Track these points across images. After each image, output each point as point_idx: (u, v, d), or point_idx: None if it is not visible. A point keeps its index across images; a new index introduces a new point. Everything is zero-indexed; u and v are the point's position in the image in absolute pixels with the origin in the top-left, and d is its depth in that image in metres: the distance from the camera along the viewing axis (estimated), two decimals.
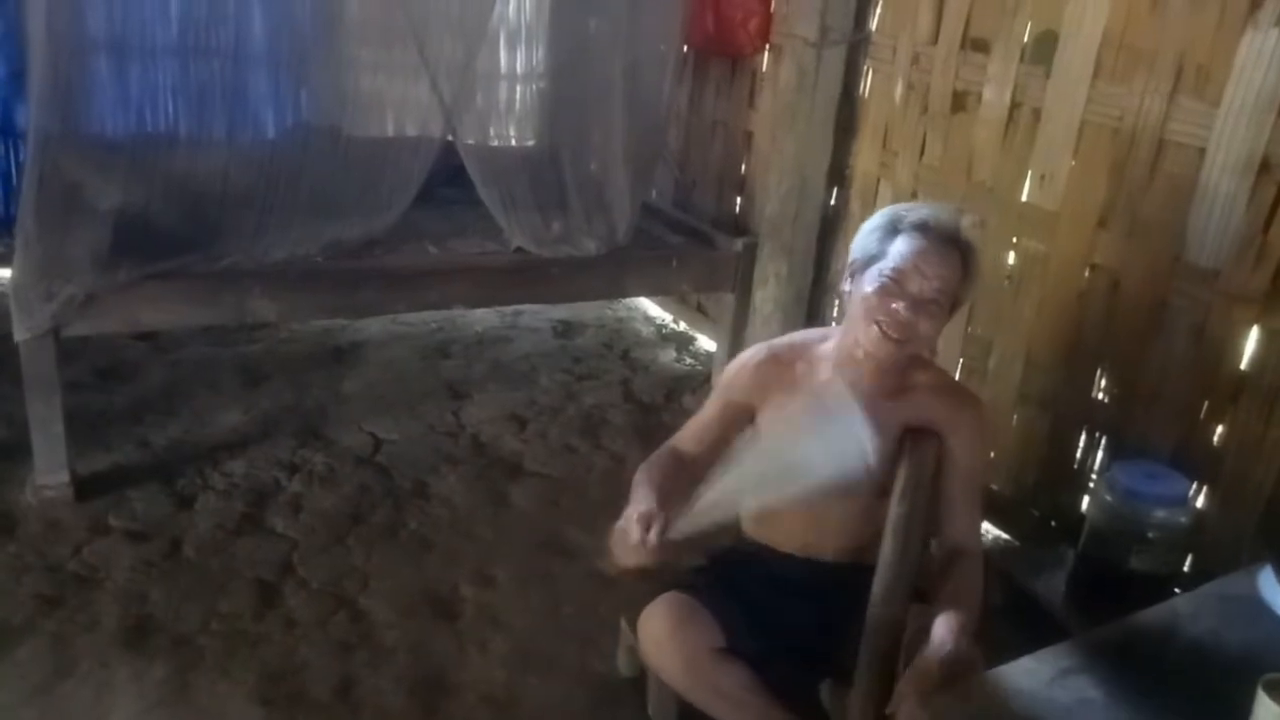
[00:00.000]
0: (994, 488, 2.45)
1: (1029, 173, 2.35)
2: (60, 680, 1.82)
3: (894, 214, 1.60)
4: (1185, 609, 1.45)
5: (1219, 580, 1.55)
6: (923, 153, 2.65)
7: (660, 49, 2.97)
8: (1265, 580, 1.48)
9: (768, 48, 3.16)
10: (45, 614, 1.98)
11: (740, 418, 1.73)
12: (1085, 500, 2.26)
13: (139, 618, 2.00)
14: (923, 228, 1.56)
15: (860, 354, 1.59)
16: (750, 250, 3.07)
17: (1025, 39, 2.33)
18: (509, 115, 3.37)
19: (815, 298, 3.02)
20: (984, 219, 2.45)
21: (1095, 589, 2.03)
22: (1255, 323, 1.93)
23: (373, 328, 3.49)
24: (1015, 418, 2.42)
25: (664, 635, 1.61)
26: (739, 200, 3.46)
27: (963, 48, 2.48)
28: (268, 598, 2.10)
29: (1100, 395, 2.26)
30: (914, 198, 2.64)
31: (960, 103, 2.52)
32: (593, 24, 2.98)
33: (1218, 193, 1.96)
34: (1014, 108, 2.36)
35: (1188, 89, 2.00)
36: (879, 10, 2.75)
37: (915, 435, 1.64)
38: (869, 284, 1.56)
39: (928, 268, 1.53)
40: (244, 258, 2.44)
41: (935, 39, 2.55)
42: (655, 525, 1.44)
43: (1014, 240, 2.41)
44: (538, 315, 3.77)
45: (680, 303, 3.83)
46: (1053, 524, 2.34)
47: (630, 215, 2.93)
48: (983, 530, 2.44)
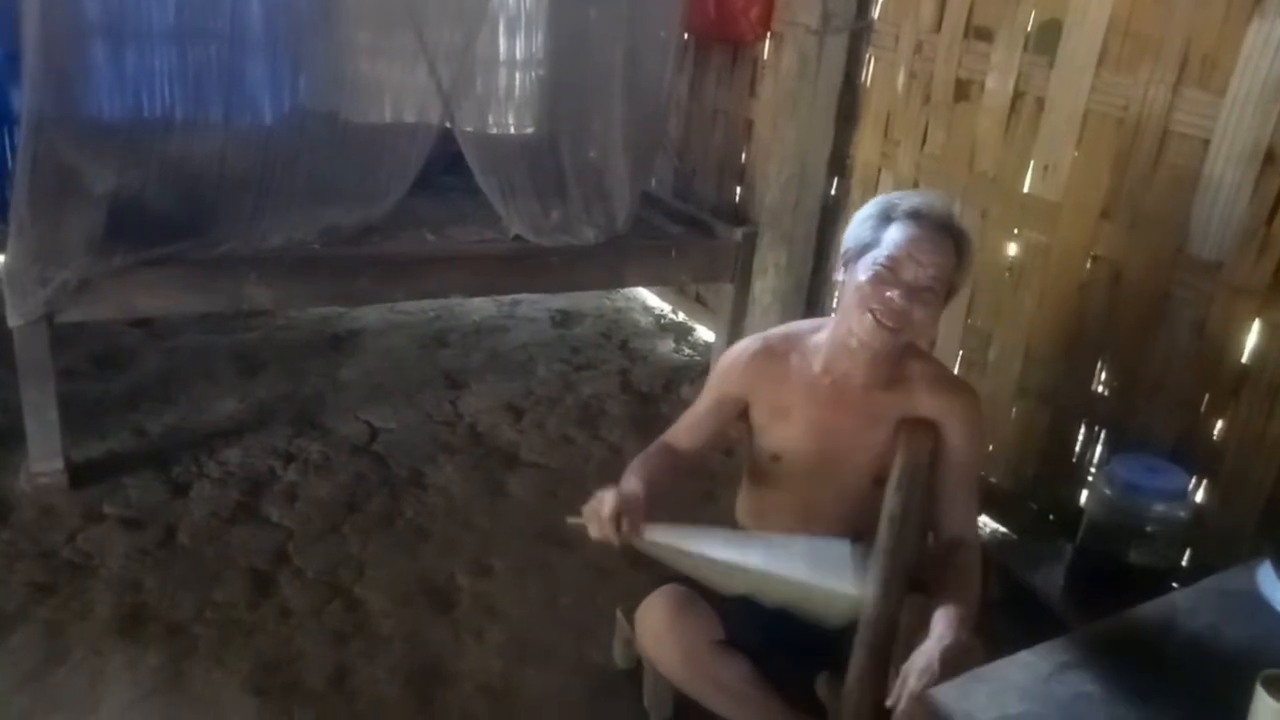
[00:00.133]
0: (993, 481, 2.44)
1: (1031, 163, 2.33)
2: (53, 668, 1.82)
3: (887, 202, 1.59)
4: (1184, 604, 1.44)
5: (1218, 575, 1.54)
6: (924, 142, 2.63)
7: (661, 35, 2.95)
8: (1265, 575, 1.47)
9: (769, 35, 3.14)
10: (39, 601, 1.97)
11: (734, 410, 1.72)
12: (1084, 494, 2.25)
13: (133, 606, 1.99)
14: (916, 215, 1.55)
15: (854, 343, 1.58)
16: (750, 240, 3.06)
17: (1029, 27, 2.31)
18: (508, 102, 3.34)
19: (815, 288, 3.00)
20: (985, 209, 2.44)
21: (1093, 583, 2.02)
22: (1257, 316, 1.92)
23: (370, 316, 3.49)
24: (1014, 410, 2.41)
25: (663, 627, 1.61)
26: (739, 189, 3.44)
27: (966, 36, 2.46)
28: (262, 586, 2.09)
29: (1100, 388, 2.25)
30: (915, 187, 2.62)
31: (963, 91, 2.50)
32: (593, 10, 2.95)
33: (1221, 184, 1.94)
34: (1017, 97, 2.35)
35: (1193, 79, 1.99)
36: None
37: (910, 426, 1.63)
38: (863, 272, 1.55)
39: (922, 255, 1.52)
40: (240, 244, 2.43)
41: (938, 27, 2.53)
42: (629, 519, 1.45)
43: (1015, 231, 2.40)
44: (536, 305, 3.76)
45: (679, 293, 3.82)
46: (1051, 517, 2.33)
47: (630, 204, 2.92)
48: (981, 523, 2.43)
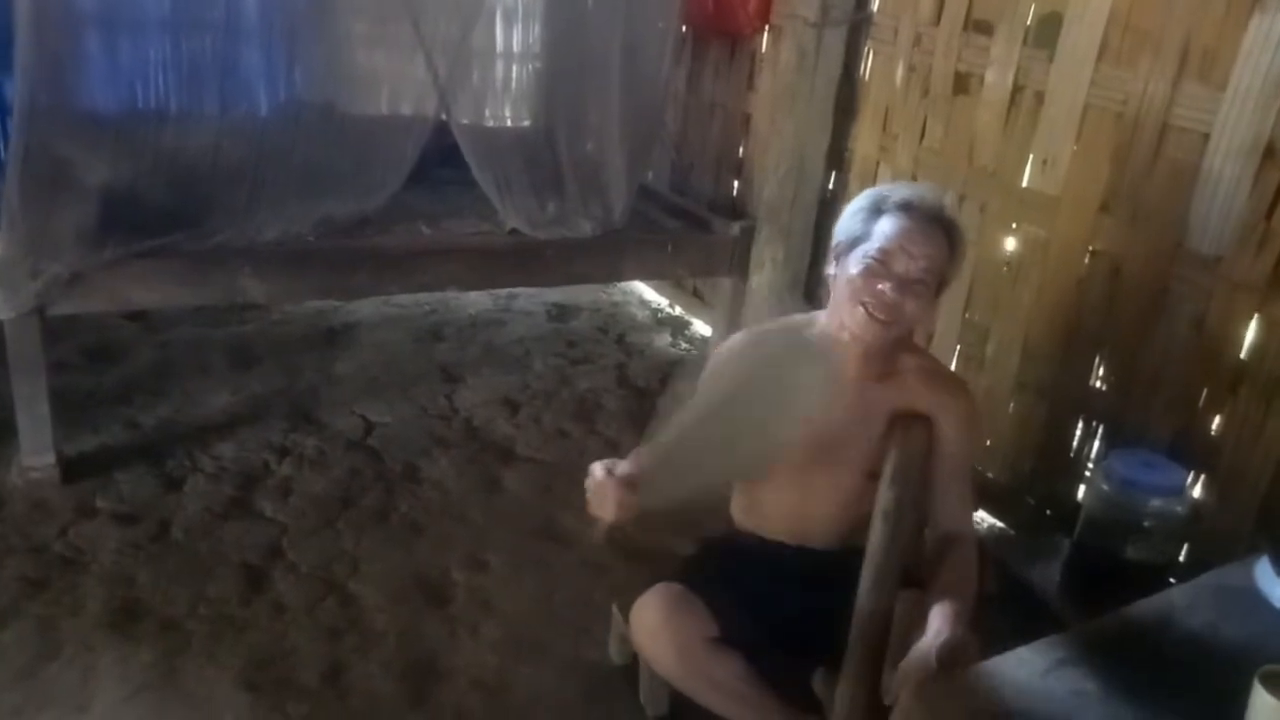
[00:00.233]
0: (990, 476, 2.43)
1: (1030, 157, 2.32)
2: (45, 664, 1.80)
3: (877, 194, 1.58)
4: (1181, 600, 1.44)
5: (1216, 571, 1.54)
6: (923, 136, 2.62)
7: (659, 28, 2.93)
8: (1262, 571, 1.46)
9: (767, 28, 3.13)
10: (30, 597, 1.96)
11: None
12: (1081, 489, 2.25)
13: (125, 601, 1.98)
14: (906, 207, 1.54)
15: (847, 337, 1.57)
16: (747, 234, 3.04)
17: (1029, 21, 2.29)
18: (504, 94, 3.32)
19: (812, 282, 2.99)
20: (984, 203, 2.43)
21: (1091, 578, 2.02)
22: (1256, 311, 1.91)
23: (365, 309, 3.47)
24: (1012, 405, 2.41)
25: (657, 625, 1.60)
26: (736, 183, 3.42)
27: (965, 29, 2.44)
28: (256, 582, 2.08)
29: (1098, 383, 2.24)
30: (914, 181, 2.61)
31: (962, 85, 2.49)
32: (590, 2, 2.93)
33: (1221, 178, 1.93)
34: (1016, 91, 2.33)
35: (1193, 73, 1.97)
36: None
37: (905, 420, 1.62)
38: (854, 266, 1.54)
39: (913, 247, 1.51)
40: (234, 236, 2.41)
41: (937, 20, 2.51)
42: (619, 465, 1.42)
43: (1014, 225, 2.38)
44: (532, 298, 3.75)
45: (676, 287, 3.81)
46: (1048, 513, 2.33)
47: (626, 197, 2.90)
48: (978, 518, 2.43)
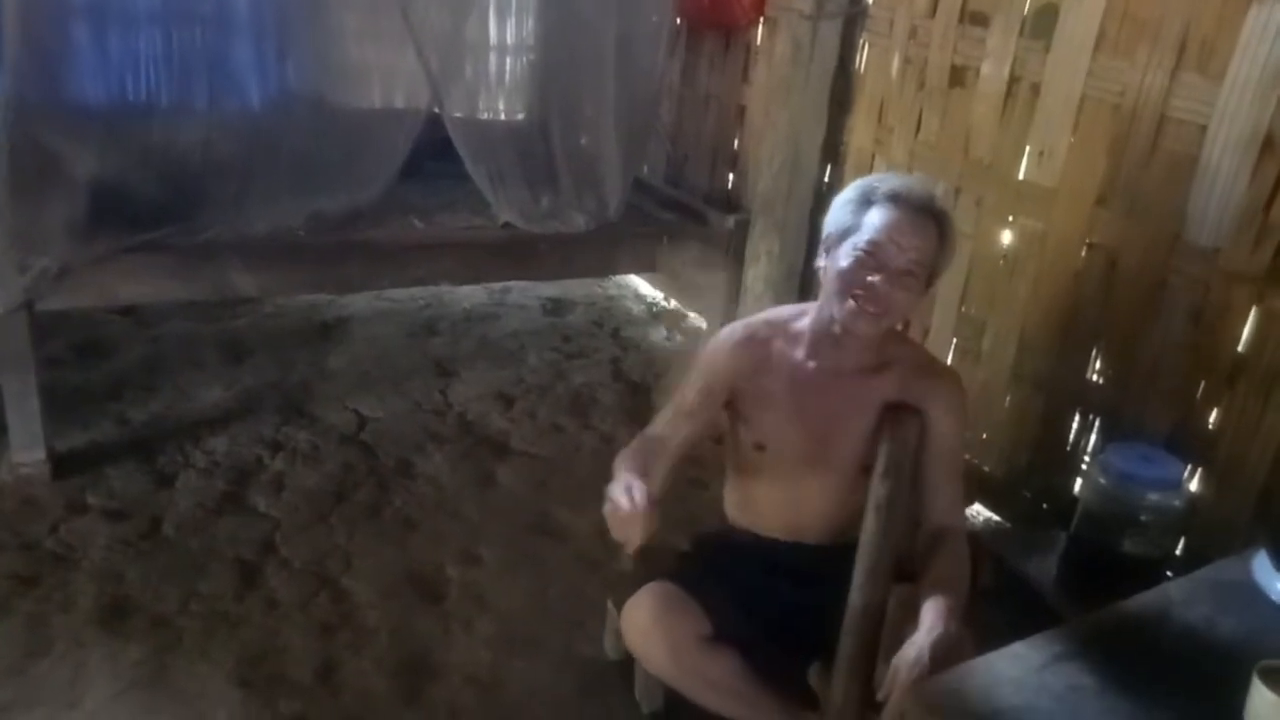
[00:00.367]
0: (986, 469, 2.43)
1: (1027, 149, 2.31)
2: (35, 661, 1.79)
3: (867, 185, 1.57)
4: (1179, 594, 1.43)
5: (1213, 565, 1.53)
6: (919, 129, 2.60)
7: (653, 20, 2.92)
8: (1260, 565, 1.46)
9: (762, 20, 3.11)
10: (20, 594, 1.94)
11: (719, 399, 1.70)
12: (1078, 482, 2.24)
13: (116, 598, 1.96)
14: (895, 198, 1.52)
15: (837, 329, 1.56)
16: (742, 227, 3.03)
17: (1025, 12, 2.28)
18: (498, 87, 3.30)
19: (807, 276, 2.98)
20: (980, 196, 2.42)
21: (1087, 572, 2.00)
22: (1255, 303, 1.90)
23: (359, 304, 3.45)
24: (1009, 399, 2.39)
25: (648, 625, 1.59)
26: (731, 176, 3.41)
27: (961, 21, 2.43)
28: (248, 578, 2.07)
29: (1095, 376, 2.23)
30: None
31: (958, 77, 2.47)
32: None
33: (1219, 170, 1.92)
34: (1013, 82, 2.32)
35: (1191, 64, 1.96)
36: None
37: (896, 412, 1.61)
38: (844, 258, 1.53)
39: (902, 239, 1.50)
40: (225, 230, 2.39)
41: (933, 12, 2.50)
42: (639, 491, 1.39)
43: (1010, 218, 2.37)
44: (527, 292, 3.73)
45: (671, 280, 3.79)
46: (1045, 506, 2.32)
47: (621, 191, 2.89)
48: (973, 511, 2.42)
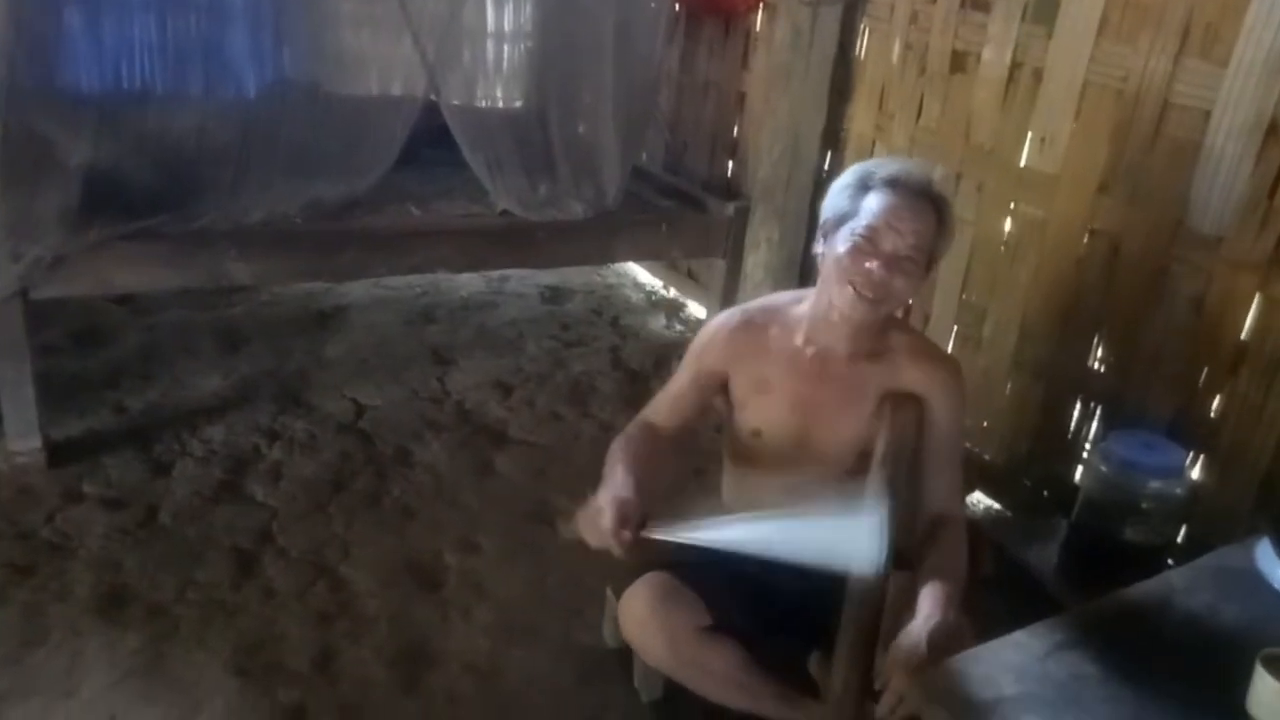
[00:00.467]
0: (986, 457, 2.42)
1: (1029, 135, 2.29)
2: (31, 650, 1.78)
3: (864, 170, 1.55)
4: (1181, 582, 1.42)
5: (1215, 552, 1.52)
6: (920, 115, 2.58)
7: (651, 6, 2.90)
8: (1263, 553, 1.45)
9: (762, 6, 3.09)
10: (16, 583, 1.93)
11: (714, 385, 1.69)
12: (1079, 470, 2.23)
13: (113, 587, 1.96)
14: (893, 183, 1.50)
15: (835, 316, 1.54)
16: (742, 215, 3.02)
17: None
18: (495, 74, 3.28)
19: (808, 263, 2.96)
20: (981, 183, 2.40)
21: (1088, 560, 2.00)
22: (1258, 291, 1.88)
23: (356, 292, 3.43)
24: (1009, 386, 2.38)
25: (645, 616, 1.58)
26: (731, 163, 3.39)
27: (962, 6, 2.40)
28: (246, 567, 2.06)
29: (1096, 364, 2.22)
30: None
31: (959, 63, 2.45)
32: None
33: (1223, 156, 1.90)
34: (1014, 68, 2.30)
35: (1195, 49, 1.94)
36: None
37: (895, 400, 1.59)
38: (841, 244, 1.51)
39: (901, 223, 1.48)
40: (220, 218, 2.38)
41: None
42: (631, 523, 1.40)
43: (1012, 205, 2.36)
44: (525, 281, 3.72)
45: (670, 268, 3.78)
46: (1046, 494, 2.31)
47: (620, 178, 2.87)
48: (974, 500, 2.42)
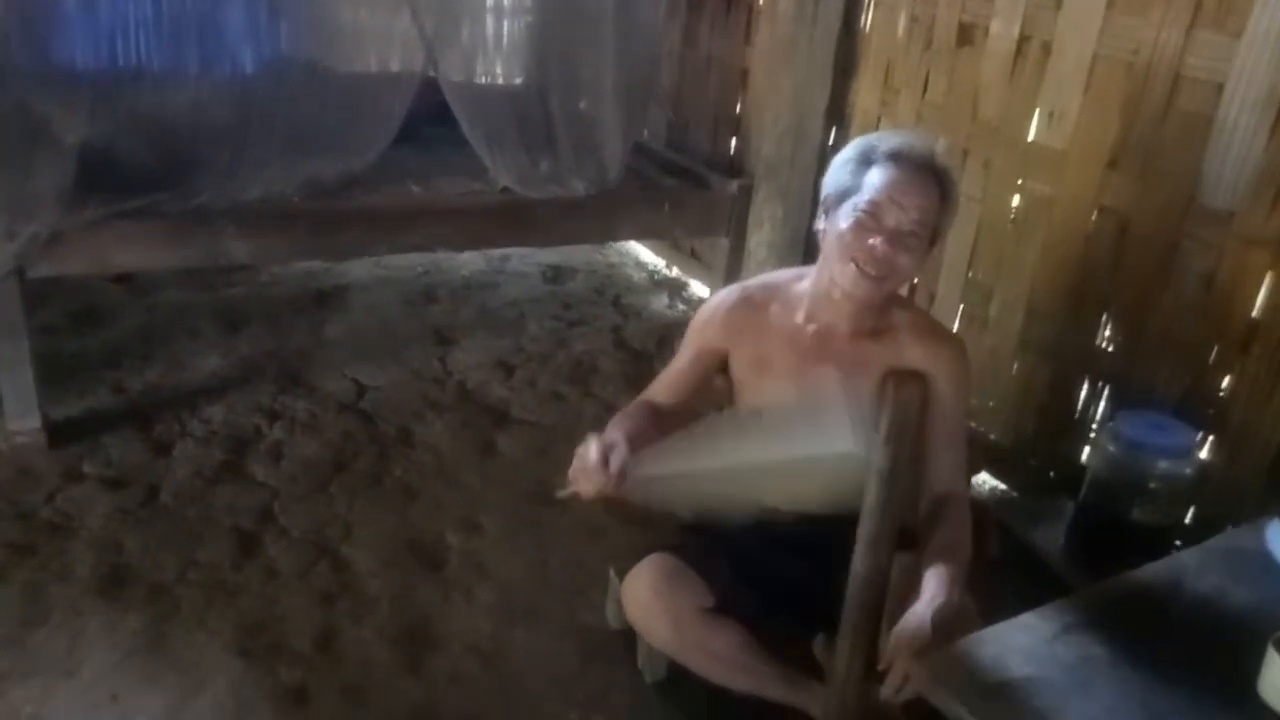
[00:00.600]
0: (992, 437, 2.40)
1: (1037, 110, 2.25)
2: (32, 630, 1.77)
3: (866, 144, 1.51)
4: (1191, 563, 1.40)
5: (1225, 533, 1.51)
6: (926, 90, 2.55)
7: None
8: (1273, 534, 1.43)
9: None
10: (17, 563, 1.93)
11: (714, 363, 1.67)
12: (1086, 451, 2.21)
13: (114, 567, 1.95)
14: (896, 157, 1.47)
15: (838, 294, 1.52)
16: (745, 192, 2.98)
17: None
18: (495, 50, 3.24)
19: (811, 241, 2.92)
20: (988, 159, 2.37)
21: (1095, 541, 1.98)
22: (1270, 268, 1.86)
23: (357, 271, 3.41)
24: (1016, 366, 2.36)
25: (649, 597, 1.57)
26: (734, 140, 3.35)
27: None
28: (247, 547, 2.05)
29: (1104, 343, 2.19)
30: None
31: (966, 36, 2.41)
32: None
33: (1235, 131, 1.87)
34: (1022, 41, 2.26)
35: (1207, 20, 1.90)
36: None
37: (898, 377, 1.57)
38: (843, 220, 1.48)
39: (904, 198, 1.45)
40: (218, 196, 2.35)
41: None
42: (616, 454, 1.39)
43: (1019, 182, 2.32)
44: (526, 260, 3.69)
45: (673, 247, 3.75)
46: (1053, 475, 2.30)
47: (621, 155, 2.84)
48: (980, 480, 2.40)
